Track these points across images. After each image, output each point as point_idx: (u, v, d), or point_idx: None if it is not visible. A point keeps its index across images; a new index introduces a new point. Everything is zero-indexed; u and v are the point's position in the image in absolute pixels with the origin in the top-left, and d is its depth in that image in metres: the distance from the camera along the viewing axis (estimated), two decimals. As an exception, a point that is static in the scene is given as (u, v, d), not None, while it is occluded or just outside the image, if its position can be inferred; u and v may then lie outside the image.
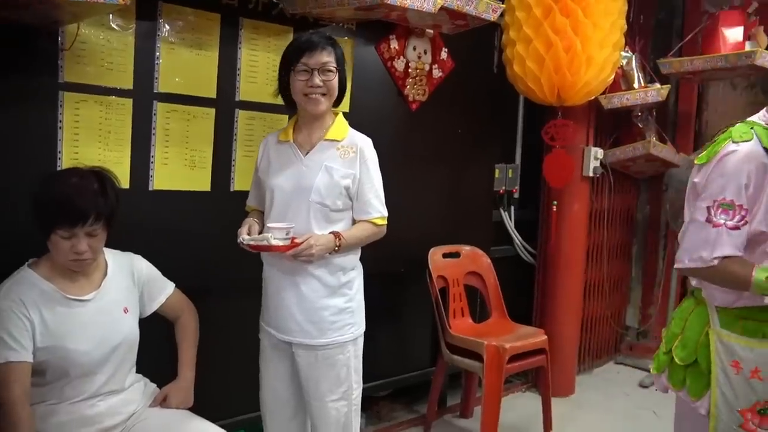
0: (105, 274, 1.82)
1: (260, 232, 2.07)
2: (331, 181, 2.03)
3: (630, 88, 3.82)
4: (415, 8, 2.44)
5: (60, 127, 2.09)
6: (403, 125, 3.06)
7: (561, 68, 3.05)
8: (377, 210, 2.11)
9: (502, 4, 2.98)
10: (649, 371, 4.19)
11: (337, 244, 2.01)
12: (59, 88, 2.07)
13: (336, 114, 2.13)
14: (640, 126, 4.04)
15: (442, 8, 2.61)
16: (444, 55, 3.17)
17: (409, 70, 3.04)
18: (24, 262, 1.76)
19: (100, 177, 1.74)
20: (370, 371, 3.07)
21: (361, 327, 2.18)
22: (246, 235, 2.02)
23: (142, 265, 1.94)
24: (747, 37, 3.71)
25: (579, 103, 3.31)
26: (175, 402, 1.93)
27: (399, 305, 3.28)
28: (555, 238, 3.70)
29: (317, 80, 1.99)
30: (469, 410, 3.46)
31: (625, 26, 3.26)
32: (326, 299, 2.07)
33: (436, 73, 3.16)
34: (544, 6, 3.04)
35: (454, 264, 3.27)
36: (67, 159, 2.09)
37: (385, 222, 2.15)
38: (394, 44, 2.97)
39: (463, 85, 3.28)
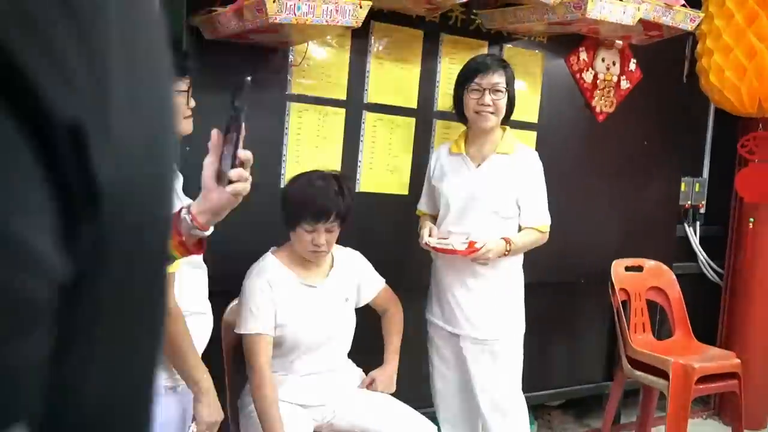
0: (331, 265, 2.05)
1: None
2: (503, 191, 2.21)
3: None
4: (614, 21, 2.46)
5: (286, 133, 2.36)
6: (589, 136, 3.06)
7: (765, 77, 2.90)
8: (542, 218, 2.25)
9: (701, 12, 2.90)
10: None
11: (508, 248, 2.18)
12: (287, 99, 2.35)
13: (504, 129, 2.29)
14: None
15: (639, 20, 2.60)
16: (632, 66, 3.13)
17: (597, 82, 3.04)
18: (265, 248, 2.02)
19: (339, 180, 1.96)
20: (542, 379, 3.13)
21: (522, 326, 2.34)
22: (430, 238, 2.21)
23: (361, 260, 2.16)
24: None
25: (784, 114, 3.12)
26: (381, 386, 2.10)
27: (575, 316, 3.28)
28: (750, 257, 3.49)
29: (488, 99, 2.16)
30: (647, 430, 3.36)
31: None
32: (493, 297, 2.26)
33: (624, 84, 3.13)
34: (748, 12, 2.91)
35: (637, 278, 3.21)
36: (290, 160, 2.37)
37: (548, 229, 2.28)
38: (584, 56, 2.99)
39: (651, 96, 3.22)
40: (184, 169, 1.74)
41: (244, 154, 1.07)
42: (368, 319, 2.21)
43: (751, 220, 3.43)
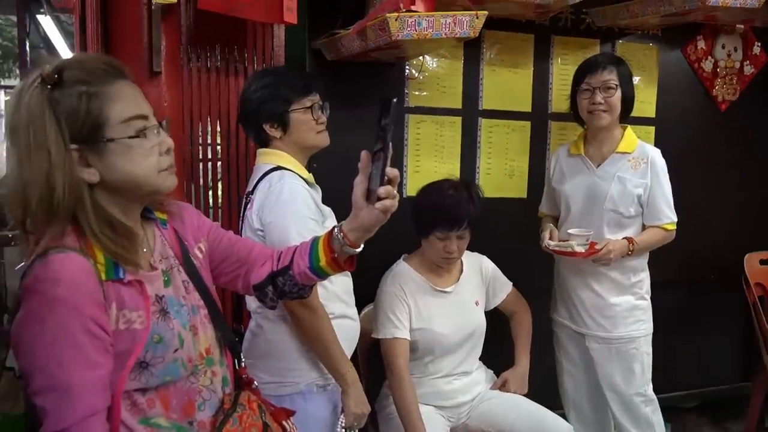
0: (461, 270, 2.11)
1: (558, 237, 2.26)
2: (624, 191, 2.17)
3: None
4: (738, 6, 2.37)
5: (406, 144, 2.45)
6: (711, 127, 2.96)
7: None
8: (667, 216, 2.20)
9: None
10: None
11: (630, 248, 2.16)
12: (406, 112, 2.44)
13: (625, 128, 2.25)
14: None
15: (765, 1, 2.49)
16: (757, 50, 3.00)
17: (718, 70, 2.94)
18: (396, 255, 2.11)
19: (469, 188, 2.02)
20: (674, 380, 3.03)
21: (650, 325, 2.30)
22: (550, 241, 2.22)
23: (488, 264, 2.21)
24: None
25: None
26: (513, 387, 2.14)
27: (707, 314, 3.15)
28: None
29: (598, 98, 2.15)
30: (793, 432, 3.17)
31: None
32: (618, 297, 2.23)
33: (748, 69, 3.00)
34: None
35: (772, 271, 3.05)
36: (411, 170, 2.46)
37: (675, 227, 2.22)
38: (701, 45, 2.89)
39: (778, 80, 3.06)
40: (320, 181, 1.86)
41: (392, 171, 1.11)
42: (498, 321, 2.25)
43: None
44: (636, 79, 2.71)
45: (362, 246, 1.21)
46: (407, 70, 2.43)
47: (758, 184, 3.10)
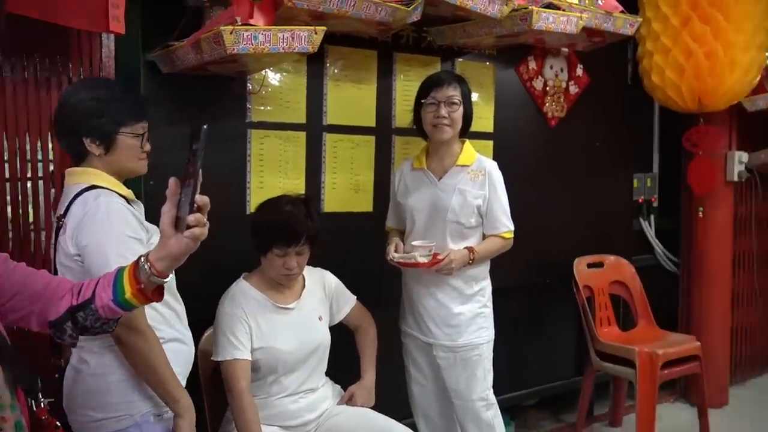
0: (303, 286, 2.10)
1: (404, 249, 2.33)
2: (465, 202, 2.28)
3: (775, 88, 3.71)
4: (560, 31, 2.57)
5: (249, 160, 2.40)
6: (543, 141, 3.18)
7: (702, 75, 3.06)
8: (505, 225, 2.34)
9: (638, 17, 3.04)
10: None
11: (471, 257, 2.27)
12: (248, 127, 2.39)
13: (463, 142, 2.37)
14: (787, 126, 3.90)
15: (582, 28, 2.72)
16: (579, 71, 3.26)
17: (547, 89, 3.16)
18: (236, 274, 2.06)
19: (307, 203, 2.01)
20: (516, 380, 3.22)
21: (492, 332, 2.42)
22: (395, 253, 2.28)
23: (331, 279, 2.21)
24: None
25: (722, 108, 3.28)
26: (360, 400, 2.15)
27: (544, 315, 3.38)
28: (700, 246, 3.65)
29: (443, 111, 2.25)
30: (619, 419, 3.48)
31: (769, 26, 3.21)
32: (462, 306, 2.34)
33: (573, 89, 3.26)
34: (681, 15, 3.06)
35: (599, 274, 3.33)
36: (254, 187, 2.41)
37: (512, 235, 2.37)
38: (533, 65, 3.10)
39: (599, 98, 3.35)
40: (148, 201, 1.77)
41: (202, 199, 1.08)
42: (345, 335, 2.27)
43: (701, 209, 3.60)
44: (475, 96, 2.85)
45: (172, 275, 1.17)
46: (249, 85, 2.38)
47: (586, 195, 3.37)
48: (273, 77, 2.43)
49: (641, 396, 2.90)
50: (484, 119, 2.93)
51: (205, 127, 1.07)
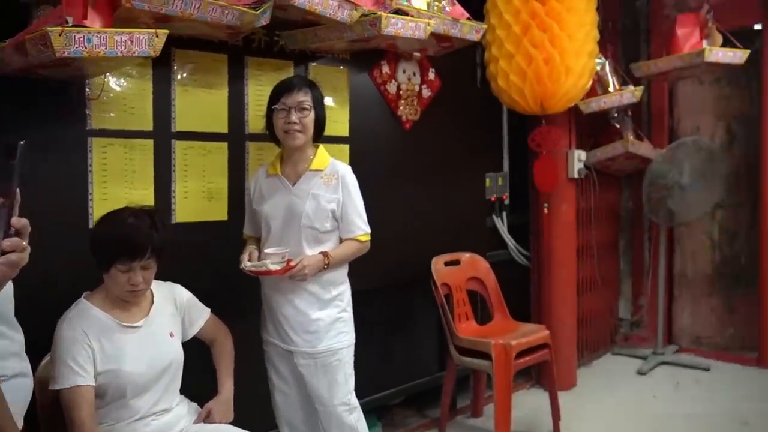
0: (152, 302, 1.99)
1: (259, 257, 2.30)
2: (318, 207, 2.29)
3: (606, 91, 4.05)
4: (408, 36, 2.64)
5: (90, 171, 2.24)
6: (398, 144, 3.24)
7: (542, 80, 3.27)
8: (360, 228, 2.37)
9: (483, 24, 3.20)
10: (644, 359, 4.41)
11: (326, 262, 2.27)
12: (88, 135, 2.23)
13: (317, 147, 2.38)
14: (618, 126, 4.28)
15: (431, 33, 2.81)
16: (431, 75, 3.37)
17: (401, 92, 3.23)
18: (77, 294, 1.91)
19: (152, 215, 1.90)
20: (382, 381, 3.27)
21: (353, 336, 2.44)
22: (247, 262, 2.25)
23: (182, 292, 2.11)
24: (704, 36, 3.97)
25: (561, 110, 3.53)
26: (218, 417, 2.08)
27: (406, 315, 3.45)
28: (547, 239, 3.90)
29: (294, 117, 2.25)
30: (480, 410, 3.63)
31: (598, 35, 3.50)
32: (320, 311, 2.33)
33: (426, 92, 3.35)
34: (522, 23, 3.25)
35: (456, 271, 3.46)
36: (97, 199, 2.25)
37: (369, 238, 2.40)
38: (386, 69, 3.16)
39: (451, 102, 3.48)
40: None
41: (19, 221, 1.01)
42: (199, 351, 2.18)
43: (546, 205, 3.85)
44: (329, 100, 2.86)
45: (10, 302, 1.07)
46: (87, 90, 2.22)
47: (442, 195, 3.48)
48: (115, 82, 2.28)
49: (498, 386, 3.04)
50: (339, 123, 2.95)
51: (21, 143, 0.99)
